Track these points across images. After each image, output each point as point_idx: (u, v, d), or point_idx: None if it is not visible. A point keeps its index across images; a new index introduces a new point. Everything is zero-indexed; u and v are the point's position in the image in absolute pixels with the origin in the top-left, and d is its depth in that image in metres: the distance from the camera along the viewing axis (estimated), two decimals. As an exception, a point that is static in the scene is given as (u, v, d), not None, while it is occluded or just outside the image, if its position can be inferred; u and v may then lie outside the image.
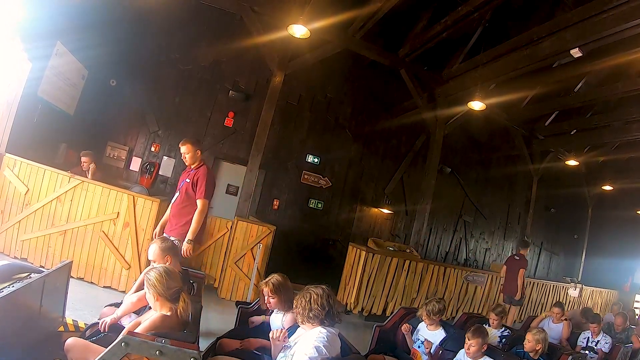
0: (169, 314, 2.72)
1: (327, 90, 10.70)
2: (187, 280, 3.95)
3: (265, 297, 3.78)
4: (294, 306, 3.06)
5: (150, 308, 2.94)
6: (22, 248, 5.88)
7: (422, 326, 4.76)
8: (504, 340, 5.34)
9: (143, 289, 2.97)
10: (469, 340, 3.99)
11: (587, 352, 6.50)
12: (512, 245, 14.21)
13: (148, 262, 3.69)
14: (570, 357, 5.01)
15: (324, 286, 3.07)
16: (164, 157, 9.37)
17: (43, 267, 5.13)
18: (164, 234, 4.85)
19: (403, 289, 8.25)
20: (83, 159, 7.01)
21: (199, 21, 9.30)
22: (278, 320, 3.71)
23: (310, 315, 2.90)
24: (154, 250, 3.61)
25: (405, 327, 4.81)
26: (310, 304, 2.92)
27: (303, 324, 2.99)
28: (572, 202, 15.46)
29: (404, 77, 9.67)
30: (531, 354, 4.82)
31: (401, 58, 9.44)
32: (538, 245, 15.09)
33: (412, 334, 4.78)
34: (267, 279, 3.78)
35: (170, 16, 9.02)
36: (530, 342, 4.85)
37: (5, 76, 6.09)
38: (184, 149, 4.91)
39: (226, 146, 9.74)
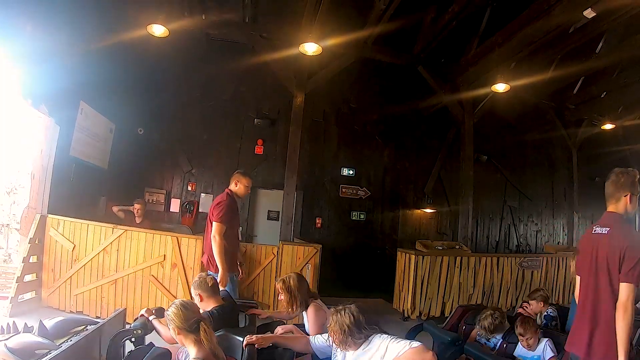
0: (200, 355, 2.64)
1: (350, 100, 10.71)
2: (236, 312, 3.89)
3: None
4: (340, 341, 2.88)
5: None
6: (77, 302, 6.08)
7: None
8: (545, 321, 4.87)
9: None
10: (522, 335, 3.85)
11: None
12: (562, 223, 13.74)
13: None
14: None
15: (349, 308, 2.93)
16: (202, 194, 9.50)
17: (99, 318, 5.29)
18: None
19: (458, 287, 8.06)
20: (137, 206, 7.36)
21: (213, 57, 9.47)
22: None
23: (357, 336, 2.84)
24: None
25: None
26: (349, 329, 2.82)
27: (349, 347, 2.89)
28: (616, 166, 14.80)
29: (422, 73, 9.61)
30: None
31: (416, 55, 9.38)
32: (589, 219, 14.56)
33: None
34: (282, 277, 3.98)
35: (185, 58, 9.25)
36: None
37: (37, 142, 6.47)
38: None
39: (260, 173, 9.81)
